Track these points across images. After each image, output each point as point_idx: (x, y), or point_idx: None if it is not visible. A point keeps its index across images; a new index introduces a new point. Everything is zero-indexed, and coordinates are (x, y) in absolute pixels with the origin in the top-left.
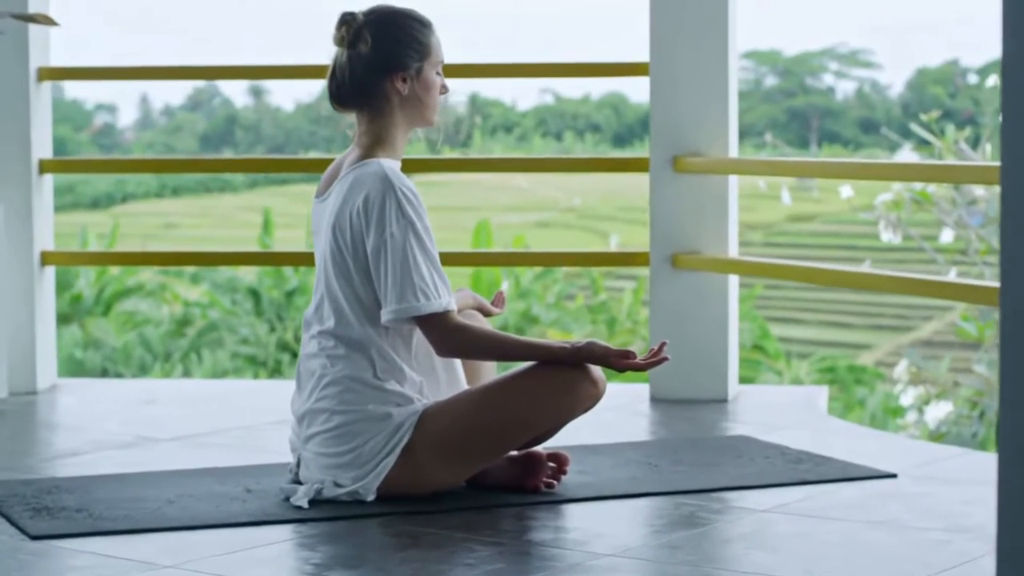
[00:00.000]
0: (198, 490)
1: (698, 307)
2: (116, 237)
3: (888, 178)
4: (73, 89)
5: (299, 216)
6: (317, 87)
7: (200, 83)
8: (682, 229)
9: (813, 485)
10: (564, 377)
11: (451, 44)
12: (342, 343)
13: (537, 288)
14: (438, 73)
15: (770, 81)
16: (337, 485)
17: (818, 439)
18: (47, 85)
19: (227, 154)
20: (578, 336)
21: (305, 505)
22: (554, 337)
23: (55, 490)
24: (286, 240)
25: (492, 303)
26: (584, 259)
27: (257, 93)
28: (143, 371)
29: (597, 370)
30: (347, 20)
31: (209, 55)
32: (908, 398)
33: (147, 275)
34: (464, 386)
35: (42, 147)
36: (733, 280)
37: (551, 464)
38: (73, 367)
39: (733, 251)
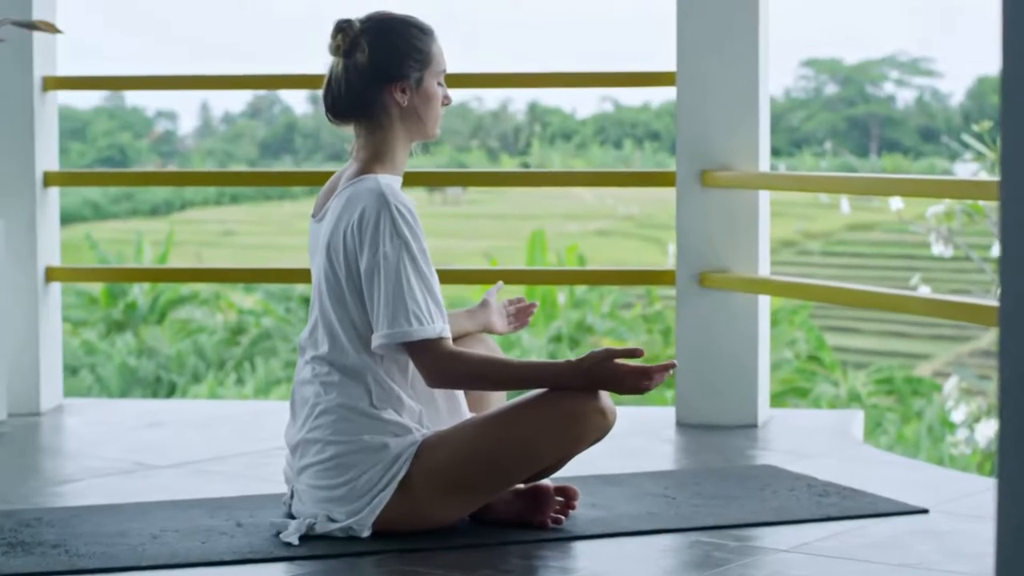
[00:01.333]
0: (186, 524)
1: (726, 328)
2: (171, 245)
3: (920, 195)
4: (133, 97)
5: None
6: None
7: (260, 91)
8: (710, 246)
9: (838, 521)
10: (570, 407)
11: (479, 51)
12: (336, 370)
13: (592, 298)
14: (440, 83)
15: (831, 89)
16: (330, 520)
17: (849, 469)
18: (53, 95)
19: (286, 161)
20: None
21: (295, 542)
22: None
23: (36, 523)
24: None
25: (515, 314)
26: (608, 277)
27: (316, 100)
28: (196, 379)
29: (606, 399)
30: (343, 28)
31: (215, 60)
32: (959, 414)
33: (201, 283)
34: (467, 414)
35: (47, 159)
36: (763, 300)
37: (559, 498)
38: (126, 375)
39: (764, 269)
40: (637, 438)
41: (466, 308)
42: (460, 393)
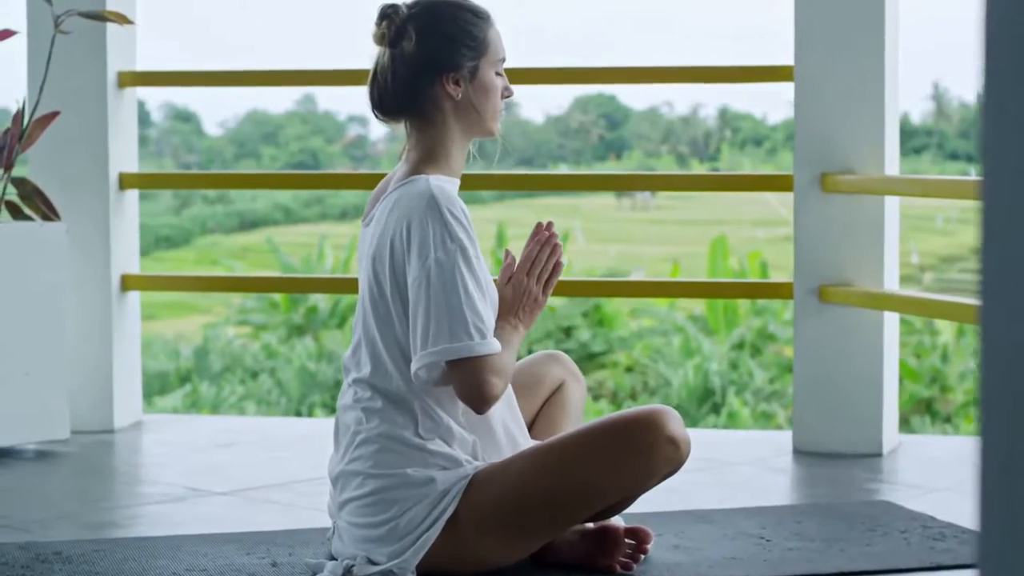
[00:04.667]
0: (217, 562)
1: (848, 346)
2: (353, 249)
3: None
4: (325, 101)
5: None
6: (567, 99)
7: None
8: (831, 257)
9: (950, 571)
10: (637, 437)
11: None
12: (379, 395)
13: (775, 305)
14: (499, 73)
15: None
16: (370, 562)
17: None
18: (130, 92)
19: (476, 166)
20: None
21: None
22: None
23: (53, 558)
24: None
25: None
26: (723, 289)
27: (507, 105)
28: None
29: (678, 427)
30: (388, 14)
31: (256, 60)
32: None
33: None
34: (528, 443)
35: (124, 160)
36: (890, 317)
37: (629, 541)
38: (305, 379)
39: (890, 283)
40: (746, 467)
41: None
42: (521, 420)
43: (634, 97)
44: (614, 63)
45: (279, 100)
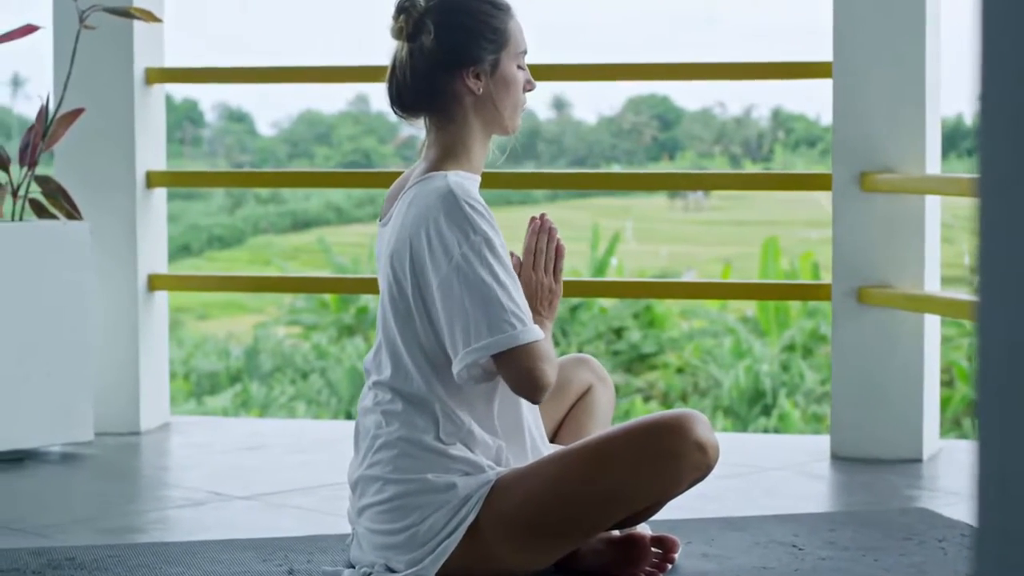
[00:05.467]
0: (233, 569)
1: (888, 350)
2: None
3: None
4: (378, 102)
5: (586, 230)
6: (620, 100)
7: None
8: (870, 258)
9: None
10: (664, 442)
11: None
12: (400, 397)
13: (827, 307)
14: (521, 67)
15: None
16: (389, 570)
17: None
18: (159, 88)
19: (528, 167)
20: None
21: None
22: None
23: (66, 564)
24: (569, 253)
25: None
26: (760, 291)
27: (560, 106)
28: None
29: (706, 431)
30: (406, 8)
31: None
32: None
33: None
34: (549, 449)
35: (152, 158)
36: (931, 320)
37: (656, 550)
38: (355, 379)
39: (931, 285)
40: (782, 472)
41: None
42: (541, 426)
43: (687, 98)
44: (643, 59)
45: (332, 100)
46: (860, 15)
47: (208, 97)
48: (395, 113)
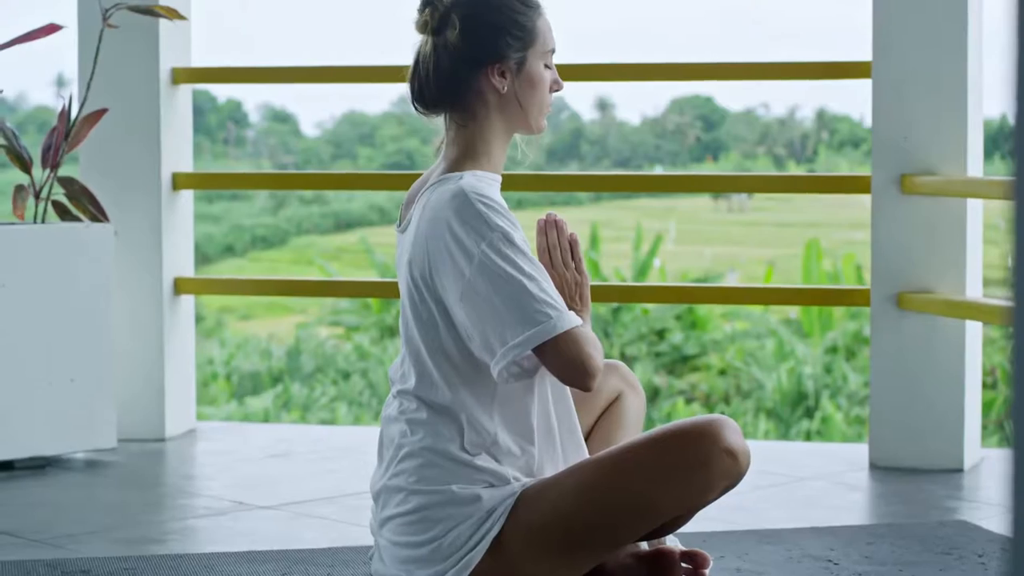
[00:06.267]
0: None
1: (928, 357)
2: None
3: None
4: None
5: (629, 231)
6: (663, 101)
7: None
8: (910, 263)
9: None
10: (692, 450)
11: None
12: (425, 406)
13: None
14: (548, 66)
15: None
16: None
17: None
18: (185, 88)
19: (572, 167)
20: None
21: None
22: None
23: (80, 575)
24: (612, 254)
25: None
26: (797, 296)
27: (604, 107)
28: None
29: (736, 437)
30: (431, 1)
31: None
32: None
33: None
34: (584, 456)
35: (178, 159)
36: (973, 326)
37: (685, 564)
38: None
39: (973, 291)
40: (819, 482)
41: None
42: (579, 435)
43: (730, 98)
44: (686, 59)
45: (376, 101)
46: (900, 13)
47: (252, 97)
48: (416, 109)
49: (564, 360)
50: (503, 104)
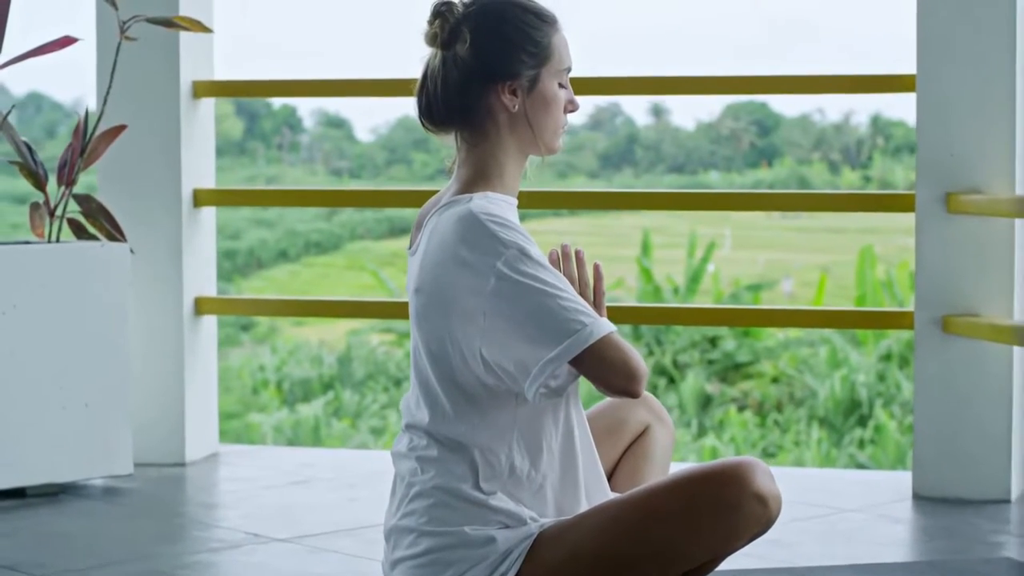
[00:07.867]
0: None
1: (975, 382)
2: None
3: None
4: None
5: (683, 236)
6: (718, 106)
7: (602, 102)
8: (956, 285)
9: None
10: (720, 494)
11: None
12: (436, 442)
13: None
14: (563, 85)
15: None
16: None
17: None
18: (207, 102)
19: (626, 174)
20: None
21: None
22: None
23: None
24: (664, 261)
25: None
26: (838, 318)
27: (658, 112)
28: None
29: (766, 481)
30: (442, 12)
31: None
32: None
33: None
34: (607, 495)
35: (199, 175)
36: (1020, 351)
37: None
38: None
39: (1021, 314)
40: (859, 514)
41: None
42: (601, 472)
43: (785, 104)
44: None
45: None
46: (946, 26)
47: (306, 103)
48: (424, 127)
49: (607, 366)
50: (513, 123)
